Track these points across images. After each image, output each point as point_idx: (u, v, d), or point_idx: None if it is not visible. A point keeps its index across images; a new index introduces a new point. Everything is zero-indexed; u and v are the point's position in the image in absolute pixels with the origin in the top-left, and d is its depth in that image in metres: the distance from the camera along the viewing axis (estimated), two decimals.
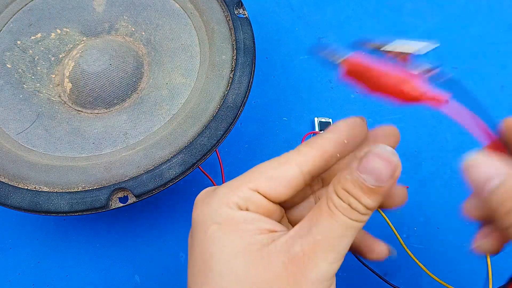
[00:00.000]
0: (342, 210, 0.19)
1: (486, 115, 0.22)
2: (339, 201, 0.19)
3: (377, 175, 0.19)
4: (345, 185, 0.19)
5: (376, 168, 0.19)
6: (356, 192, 0.19)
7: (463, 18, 0.49)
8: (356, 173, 0.19)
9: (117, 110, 0.34)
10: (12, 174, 0.29)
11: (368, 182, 0.19)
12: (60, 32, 0.36)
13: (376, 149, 0.19)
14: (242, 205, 0.20)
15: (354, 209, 0.19)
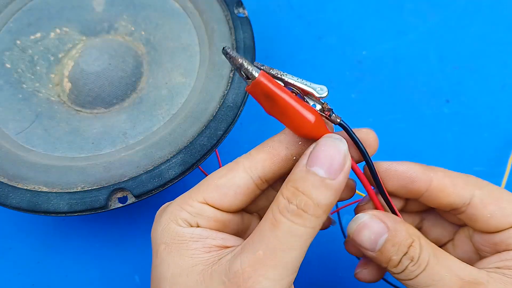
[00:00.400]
0: (287, 214, 0.17)
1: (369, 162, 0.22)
2: (285, 202, 0.17)
3: (327, 165, 0.17)
4: (294, 182, 0.18)
5: (326, 158, 0.18)
6: (306, 187, 0.17)
7: (463, 18, 0.49)
8: (306, 168, 0.18)
9: (117, 110, 0.34)
10: (11, 174, 0.29)
11: (319, 174, 0.17)
12: (60, 32, 0.36)
13: (323, 139, 0.19)
14: (191, 221, 0.19)
15: (302, 209, 0.17)
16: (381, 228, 0.20)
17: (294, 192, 0.18)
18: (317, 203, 0.17)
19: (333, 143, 0.18)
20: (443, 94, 0.44)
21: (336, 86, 0.45)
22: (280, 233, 0.17)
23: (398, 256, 0.20)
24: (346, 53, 0.47)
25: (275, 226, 0.17)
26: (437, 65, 0.46)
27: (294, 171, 0.18)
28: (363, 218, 0.20)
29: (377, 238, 0.20)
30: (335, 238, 0.37)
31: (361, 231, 0.20)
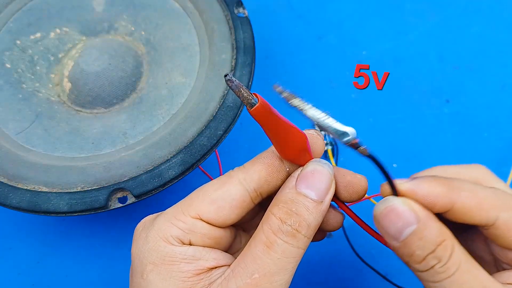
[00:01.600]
0: (282, 235, 0.17)
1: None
2: (279, 223, 0.17)
3: (316, 189, 0.18)
4: (286, 204, 0.18)
5: (315, 182, 0.18)
6: (299, 209, 0.17)
7: (463, 18, 0.49)
8: (296, 190, 0.18)
9: (117, 110, 0.34)
10: (11, 174, 0.29)
11: (311, 197, 0.18)
12: (60, 32, 0.36)
13: (313, 163, 0.19)
14: (184, 239, 0.18)
15: (296, 229, 0.17)
16: (411, 217, 0.18)
17: (287, 212, 0.18)
18: (309, 224, 0.18)
19: (323, 168, 0.19)
20: (443, 94, 0.44)
21: (336, 86, 0.45)
22: (275, 255, 0.17)
23: (423, 252, 0.18)
24: (346, 53, 0.47)
25: (270, 248, 0.17)
26: (437, 65, 0.46)
27: (284, 191, 0.18)
28: (393, 202, 0.19)
29: (404, 227, 0.18)
30: (335, 238, 0.37)
31: (388, 215, 0.18)
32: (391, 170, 0.40)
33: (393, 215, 0.18)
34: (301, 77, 0.45)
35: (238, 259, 0.18)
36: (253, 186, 0.19)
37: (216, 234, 0.19)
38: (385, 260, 0.36)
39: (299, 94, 0.18)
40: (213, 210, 0.18)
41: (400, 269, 0.36)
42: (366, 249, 0.37)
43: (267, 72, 0.46)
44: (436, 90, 0.44)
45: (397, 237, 0.18)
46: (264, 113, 0.18)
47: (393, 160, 0.41)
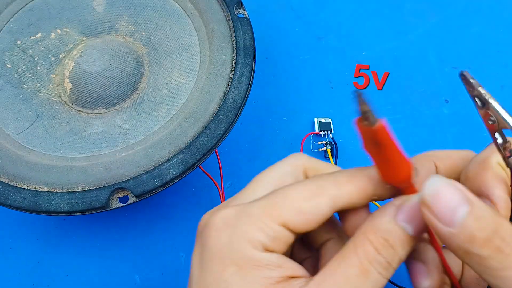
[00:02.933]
0: (377, 265, 0.17)
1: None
2: (374, 252, 0.17)
3: (416, 224, 0.17)
4: (384, 233, 0.17)
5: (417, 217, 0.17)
6: (396, 242, 0.17)
7: (462, 18, 0.49)
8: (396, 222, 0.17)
9: (117, 110, 0.34)
10: (12, 174, 0.29)
11: (409, 231, 0.17)
12: (60, 32, 0.36)
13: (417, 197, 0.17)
14: (269, 246, 0.18)
15: (389, 262, 0.17)
16: (462, 197, 0.16)
17: (383, 244, 0.17)
18: (400, 258, 0.17)
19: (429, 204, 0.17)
20: (442, 95, 0.44)
21: (336, 86, 0.45)
22: (369, 283, 0.17)
23: (484, 233, 0.16)
24: (345, 53, 0.47)
25: (365, 275, 0.17)
26: (437, 66, 0.46)
27: (383, 219, 0.17)
28: (440, 183, 0.17)
29: (457, 208, 0.16)
30: None
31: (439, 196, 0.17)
32: None
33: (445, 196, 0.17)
34: (301, 77, 0.46)
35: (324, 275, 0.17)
36: (341, 205, 0.18)
37: (292, 240, 0.19)
38: None
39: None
40: (301, 222, 0.18)
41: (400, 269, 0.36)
42: None
43: (267, 72, 0.46)
44: (436, 90, 0.44)
45: (451, 221, 0.16)
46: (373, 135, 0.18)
47: None
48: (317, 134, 0.41)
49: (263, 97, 0.44)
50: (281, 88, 0.45)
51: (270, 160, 0.41)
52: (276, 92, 0.45)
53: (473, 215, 0.16)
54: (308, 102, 0.44)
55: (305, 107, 0.44)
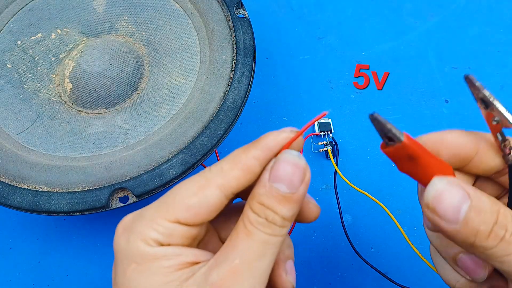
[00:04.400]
0: (259, 226, 0.18)
1: None
2: (255, 216, 0.18)
3: (288, 181, 0.18)
4: (259, 198, 0.18)
5: (287, 174, 0.18)
6: (271, 203, 0.18)
7: (462, 18, 0.49)
8: (269, 184, 0.18)
9: (118, 110, 0.34)
10: (12, 174, 0.30)
11: (282, 190, 0.18)
12: (61, 32, 0.36)
13: (282, 155, 0.19)
14: (163, 241, 0.19)
15: (271, 222, 0.18)
16: (462, 194, 0.18)
17: (261, 207, 0.18)
18: (282, 216, 0.18)
19: (292, 159, 0.19)
20: (442, 95, 0.44)
21: (336, 86, 0.45)
22: (253, 243, 0.18)
23: (487, 226, 0.17)
24: (345, 53, 0.47)
25: (248, 236, 0.18)
26: (436, 66, 0.46)
27: (259, 186, 0.19)
28: (440, 184, 0.18)
29: (460, 206, 0.17)
30: (335, 237, 0.37)
31: (441, 198, 0.18)
32: (390, 170, 0.40)
33: (446, 197, 0.18)
34: (301, 77, 0.46)
35: (220, 251, 0.19)
36: (231, 191, 0.19)
37: (194, 232, 0.20)
38: (384, 258, 0.37)
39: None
40: (190, 216, 0.19)
41: (399, 267, 0.36)
42: (366, 248, 0.37)
43: (267, 72, 0.46)
44: (435, 90, 0.45)
45: (456, 218, 0.17)
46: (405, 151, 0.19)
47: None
48: (317, 135, 0.41)
49: (263, 97, 0.44)
50: (281, 88, 0.45)
51: None
52: (276, 92, 0.45)
53: (475, 210, 0.17)
54: (308, 102, 0.44)
55: (305, 107, 0.44)
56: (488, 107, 0.19)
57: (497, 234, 0.17)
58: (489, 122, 0.19)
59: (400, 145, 0.19)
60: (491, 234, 0.17)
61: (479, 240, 0.17)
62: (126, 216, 0.20)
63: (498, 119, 0.19)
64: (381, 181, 0.40)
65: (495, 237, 0.17)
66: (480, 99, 0.19)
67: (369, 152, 0.42)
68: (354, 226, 0.38)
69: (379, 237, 0.37)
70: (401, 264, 0.36)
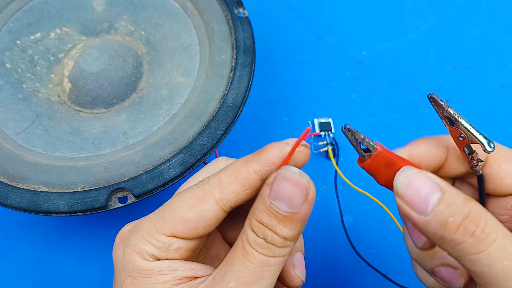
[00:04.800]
0: (257, 247, 0.17)
1: None
2: (253, 235, 0.17)
3: (289, 200, 0.17)
4: (259, 216, 0.17)
5: (287, 193, 0.17)
6: (270, 222, 0.17)
7: (463, 18, 0.49)
8: (269, 201, 0.17)
9: (117, 110, 0.34)
10: (11, 174, 0.29)
11: (282, 210, 0.17)
12: (60, 32, 0.36)
13: (282, 172, 0.17)
14: (159, 255, 0.18)
15: (270, 242, 0.17)
16: (431, 185, 0.17)
17: (259, 226, 0.17)
18: (283, 236, 0.17)
19: (292, 177, 0.17)
20: (443, 94, 0.44)
21: (336, 86, 0.45)
22: (250, 265, 0.17)
23: (456, 218, 0.16)
24: (346, 53, 0.47)
25: (245, 258, 0.17)
26: (437, 65, 0.46)
27: (258, 201, 0.17)
28: (410, 171, 0.18)
29: (429, 196, 0.17)
30: (335, 238, 0.37)
31: (410, 186, 0.17)
32: None
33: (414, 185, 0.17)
34: (301, 77, 0.45)
35: (219, 268, 0.18)
36: (229, 205, 0.18)
37: (191, 246, 0.19)
38: (385, 259, 0.36)
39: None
40: (187, 230, 0.18)
41: (400, 268, 0.36)
42: (367, 248, 0.37)
43: (267, 72, 0.46)
44: (436, 90, 0.44)
45: (424, 209, 0.17)
46: (383, 159, 0.20)
47: None
48: (317, 135, 0.41)
49: (263, 97, 0.44)
50: (281, 88, 0.45)
51: None
52: (276, 92, 0.45)
53: (445, 202, 0.17)
54: (308, 102, 0.44)
55: (305, 107, 0.44)
56: (453, 124, 0.20)
57: (466, 229, 0.17)
58: (455, 138, 0.20)
59: (376, 154, 0.19)
60: (460, 228, 0.17)
61: (448, 233, 0.17)
62: (125, 226, 0.20)
63: (463, 135, 0.20)
64: None
65: (464, 231, 0.17)
66: (445, 117, 0.20)
67: None
68: (355, 226, 0.38)
69: (380, 237, 0.37)
70: (402, 265, 0.36)
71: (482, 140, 0.19)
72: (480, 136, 0.19)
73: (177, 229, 0.18)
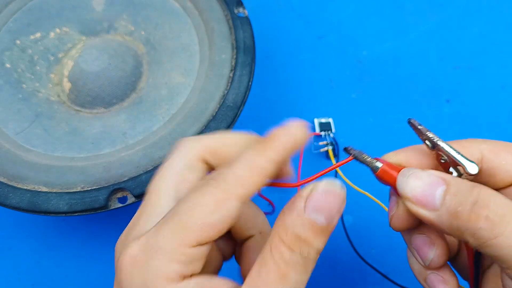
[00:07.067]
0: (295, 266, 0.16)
1: None
2: (289, 252, 0.16)
3: (327, 212, 0.16)
4: (295, 230, 0.16)
5: (327, 205, 0.17)
6: (308, 235, 0.16)
7: (463, 18, 0.49)
8: (306, 214, 0.16)
9: (116, 110, 0.34)
10: (11, 174, 0.29)
11: (319, 222, 0.16)
12: (59, 32, 0.36)
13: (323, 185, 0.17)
14: (186, 272, 0.16)
15: (306, 257, 0.16)
16: (433, 179, 0.17)
17: (296, 240, 0.16)
18: (318, 250, 0.17)
19: (334, 190, 0.17)
20: (443, 94, 0.44)
21: (336, 86, 0.45)
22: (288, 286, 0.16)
23: (465, 206, 0.16)
24: (346, 53, 0.47)
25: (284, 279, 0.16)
26: (438, 65, 0.46)
27: (292, 215, 0.17)
28: (410, 171, 0.18)
29: (434, 191, 0.17)
30: (336, 238, 0.37)
31: (414, 185, 0.18)
32: None
33: (418, 181, 0.18)
34: (301, 77, 0.45)
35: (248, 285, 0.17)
36: (249, 197, 0.17)
37: (208, 249, 0.18)
38: (386, 259, 0.36)
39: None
40: (212, 234, 0.17)
41: (401, 268, 0.36)
42: (367, 249, 0.37)
43: (267, 72, 0.46)
44: (437, 90, 0.44)
45: (433, 204, 0.17)
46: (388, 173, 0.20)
47: None
48: (317, 134, 0.41)
49: (263, 97, 0.44)
50: (281, 87, 0.45)
51: None
52: (276, 92, 0.45)
53: (450, 192, 0.17)
54: (308, 102, 0.44)
55: (305, 107, 0.44)
56: (434, 147, 0.19)
57: (478, 214, 0.16)
58: (438, 161, 0.20)
59: (377, 173, 0.20)
60: (472, 215, 0.16)
61: (462, 222, 0.16)
62: (130, 248, 0.17)
63: (445, 158, 0.19)
64: None
65: (476, 217, 0.16)
66: (425, 140, 0.20)
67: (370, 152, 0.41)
68: (355, 227, 0.38)
69: (380, 238, 0.37)
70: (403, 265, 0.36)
71: (464, 162, 0.18)
72: (462, 158, 0.19)
73: (203, 236, 0.16)
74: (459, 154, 0.19)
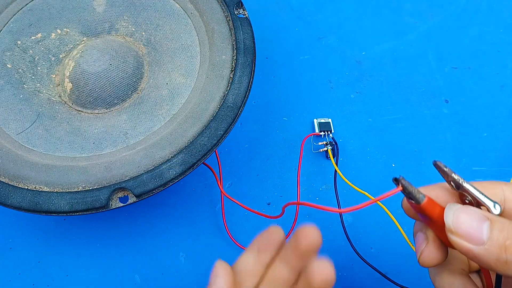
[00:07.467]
0: None
1: None
2: None
3: None
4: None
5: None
6: None
7: (462, 18, 0.49)
8: None
9: (117, 110, 0.34)
10: (12, 174, 0.30)
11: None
12: (60, 32, 0.36)
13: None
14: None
15: None
16: (479, 215, 0.18)
17: None
18: None
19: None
20: (442, 94, 0.44)
21: (336, 86, 0.45)
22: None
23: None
24: (345, 53, 0.47)
25: None
26: (436, 66, 0.46)
27: None
28: (456, 207, 0.19)
29: (480, 225, 0.18)
30: (335, 237, 0.37)
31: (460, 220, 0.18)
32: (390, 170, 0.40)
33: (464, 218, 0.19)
34: (301, 77, 0.46)
35: None
36: None
37: None
38: (385, 258, 0.37)
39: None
40: None
41: (400, 268, 0.36)
42: (366, 248, 0.37)
43: (267, 72, 0.46)
44: (435, 90, 0.45)
45: (480, 238, 0.18)
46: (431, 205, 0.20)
47: (392, 160, 0.41)
48: (317, 135, 0.41)
49: (263, 97, 0.44)
50: (281, 88, 0.45)
51: (270, 160, 0.41)
52: (276, 92, 0.45)
53: (496, 228, 0.18)
54: (308, 102, 0.44)
55: (305, 107, 0.44)
56: (459, 188, 0.20)
57: None
58: (462, 200, 0.20)
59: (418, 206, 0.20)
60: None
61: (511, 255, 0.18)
62: None
63: (469, 199, 0.20)
64: (381, 181, 0.40)
65: None
66: (450, 181, 0.20)
67: (369, 152, 0.42)
68: (354, 226, 0.38)
69: (379, 237, 0.37)
70: (401, 264, 0.36)
71: (488, 203, 0.19)
72: (485, 199, 0.19)
73: None
74: (482, 195, 0.19)
